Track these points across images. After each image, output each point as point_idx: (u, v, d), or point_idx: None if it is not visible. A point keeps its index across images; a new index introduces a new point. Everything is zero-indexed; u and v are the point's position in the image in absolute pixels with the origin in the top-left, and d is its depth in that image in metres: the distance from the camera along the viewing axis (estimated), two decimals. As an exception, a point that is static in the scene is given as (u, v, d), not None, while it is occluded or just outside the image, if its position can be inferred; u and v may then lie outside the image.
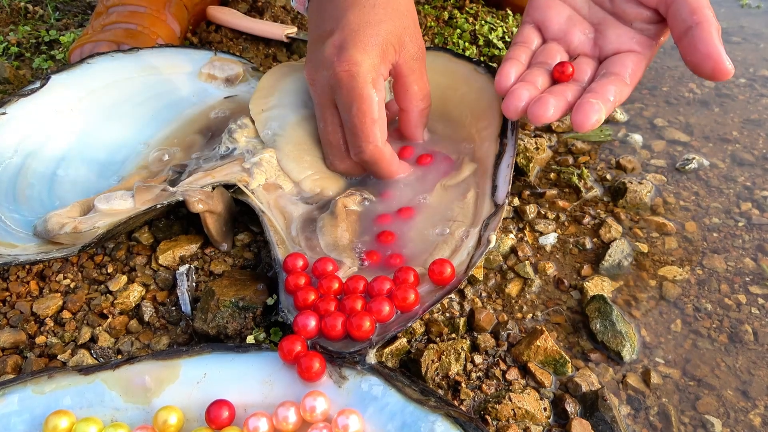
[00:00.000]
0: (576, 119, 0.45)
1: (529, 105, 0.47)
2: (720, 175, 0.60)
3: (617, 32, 0.51)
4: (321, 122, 0.52)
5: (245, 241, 0.52)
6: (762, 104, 0.71)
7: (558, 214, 0.55)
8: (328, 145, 0.53)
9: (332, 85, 0.49)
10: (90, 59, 0.60)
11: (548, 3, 0.54)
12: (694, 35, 0.45)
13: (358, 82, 0.47)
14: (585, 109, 0.45)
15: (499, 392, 0.40)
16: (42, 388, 0.37)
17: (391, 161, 0.51)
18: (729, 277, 0.49)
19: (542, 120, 0.46)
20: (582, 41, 0.52)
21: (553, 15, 0.53)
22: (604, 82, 0.48)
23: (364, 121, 0.48)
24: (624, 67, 0.49)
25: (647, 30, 0.50)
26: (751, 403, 0.40)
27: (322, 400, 0.36)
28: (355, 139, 0.49)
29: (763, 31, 0.87)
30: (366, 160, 0.50)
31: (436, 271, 0.42)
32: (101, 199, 0.49)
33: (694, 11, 0.46)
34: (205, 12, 0.82)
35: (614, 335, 0.44)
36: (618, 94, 0.47)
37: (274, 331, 0.44)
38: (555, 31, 0.53)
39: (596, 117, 0.45)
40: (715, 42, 0.45)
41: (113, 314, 0.47)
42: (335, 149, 0.52)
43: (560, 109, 0.47)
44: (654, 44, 0.50)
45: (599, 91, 0.47)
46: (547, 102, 0.46)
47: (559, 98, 0.47)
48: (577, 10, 0.53)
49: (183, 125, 0.59)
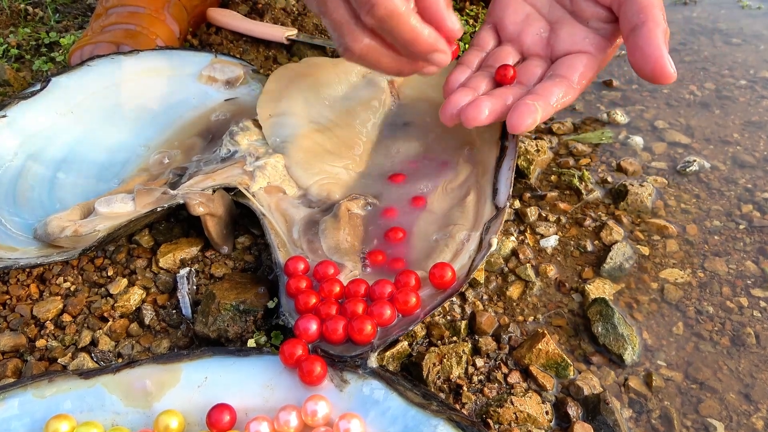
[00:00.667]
0: (510, 120, 0.44)
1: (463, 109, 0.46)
2: (721, 178, 0.60)
3: (571, 31, 0.50)
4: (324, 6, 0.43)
5: (246, 243, 0.52)
6: (763, 106, 0.70)
7: (559, 217, 0.55)
8: (334, 25, 0.44)
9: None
10: (90, 61, 0.60)
11: (508, 2, 0.53)
12: (638, 34, 0.44)
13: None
14: (520, 111, 0.44)
15: (501, 396, 0.40)
16: (42, 392, 0.37)
17: (411, 15, 0.42)
18: (731, 280, 0.49)
19: (474, 122, 0.45)
20: (535, 41, 0.52)
21: (511, 13, 0.53)
22: (548, 85, 0.47)
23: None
24: (572, 69, 0.48)
25: (602, 29, 0.49)
26: (754, 406, 0.40)
27: (324, 404, 0.35)
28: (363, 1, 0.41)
29: (763, 32, 0.87)
30: (382, 19, 0.41)
31: (436, 275, 0.42)
32: (102, 202, 0.49)
33: (642, 9, 0.45)
34: (205, 14, 0.82)
35: (616, 338, 0.44)
36: (561, 97, 0.46)
37: (275, 334, 0.44)
38: (510, 32, 0.53)
39: (531, 119, 0.44)
40: (658, 42, 0.43)
41: (114, 317, 0.47)
42: (344, 26, 0.43)
43: (496, 112, 0.46)
44: (608, 45, 0.49)
45: (541, 93, 0.46)
46: (480, 104, 0.46)
47: (496, 100, 0.46)
48: (537, 8, 0.53)
49: (183, 128, 0.59)
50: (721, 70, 0.78)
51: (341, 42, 0.44)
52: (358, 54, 0.44)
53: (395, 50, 0.45)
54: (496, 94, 0.47)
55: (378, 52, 0.44)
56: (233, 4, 0.87)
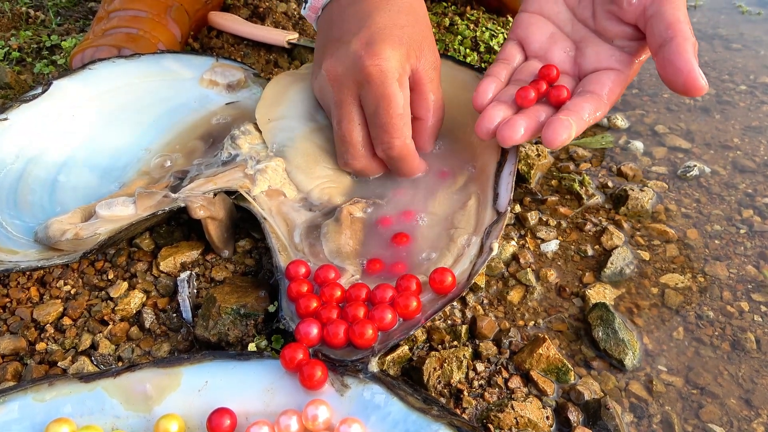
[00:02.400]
0: (545, 135, 0.45)
1: (499, 126, 0.47)
2: (721, 182, 0.60)
3: (597, 50, 0.51)
4: (341, 119, 0.51)
5: (246, 247, 0.52)
6: (763, 111, 0.71)
7: (559, 221, 0.55)
8: (345, 143, 0.51)
9: (359, 81, 0.48)
10: (92, 65, 0.60)
11: (531, 20, 0.54)
12: (668, 49, 0.45)
13: (388, 77, 0.47)
14: (554, 126, 0.45)
15: (502, 401, 0.40)
16: (42, 396, 0.37)
17: (415, 157, 0.51)
18: (731, 285, 0.49)
19: (511, 142, 0.46)
20: (562, 59, 0.52)
21: (535, 32, 0.54)
22: (579, 101, 0.47)
23: (393, 117, 0.48)
24: (601, 85, 0.48)
25: (628, 47, 0.50)
26: (755, 411, 0.40)
27: (324, 408, 0.35)
28: (384, 136, 0.49)
29: (763, 38, 0.87)
30: (394, 156, 0.50)
31: (436, 280, 0.42)
32: (102, 206, 0.49)
33: (670, 26, 0.45)
34: (207, 18, 0.82)
35: (616, 343, 0.44)
36: (593, 112, 0.47)
37: (275, 338, 0.44)
38: (536, 49, 0.54)
39: (566, 134, 0.45)
40: (689, 57, 0.44)
41: (114, 321, 0.47)
42: (354, 147, 0.51)
43: (530, 130, 0.47)
44: (634, 61, 0.50)
45: (573, 109, 0.47)
46: (516, 123, 0.46)
47: (530, 119, 0.47)
48: (560, 27, 0.53)
49: (184, 131, 0.59)
50: (721, 75, 0.78)
51: (344, 157, 0.52)
52: (355, 169, 0.53)
53: (386, 167, 0.53)
54: (528, 112, 0.48)
55: (370, 169, 0.53)
56: (235, 8, 0.87)
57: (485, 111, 0.49)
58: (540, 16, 0.54)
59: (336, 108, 0.51)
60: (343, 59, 0.49)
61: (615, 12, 0.49)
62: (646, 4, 0.47)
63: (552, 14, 0.54)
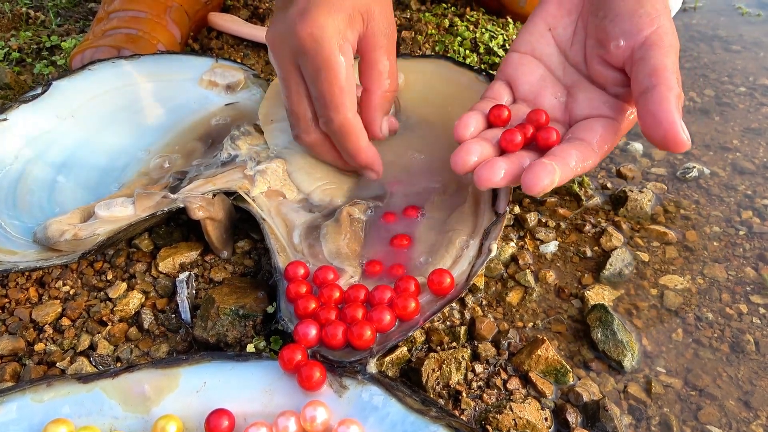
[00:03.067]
0: (525, 180, 0.41)
1: (477, 164, 0.44)
2: (720, 184, 0.60)
3: (589, 96, 0.48)
4: (285, 90, 0.49)
5: (245, 248, 0.52)
6: (762, 113, 0.71)
7: (558, 223, 0.55)
8: (292, 115, 0.50)
9: (295, 50, 0.46)
10: (91, 66, 0.60)
11: (521, 60, 0.51)
12: (649, 98, 0.42)
13: (323, 46, 0.44)
14: (536, 170, 0.41)
15: (500, 402, 0.40)
16: (41, 397, 0.37)
17: (360, 136, 0.48)
18: (730, 287, 0.49)
19: (488, 184, 0.43)
20: (553, 105, 0.49)
21: (525, 73, 0.51)
22: (566, 147, 0.44)
23: (332, 90, 0.45)
24: (592, 132, 0.45)
25: (621, 94, 0.47)
26: (753, 413, 0.40)
27: (323, 410, 0.35)
28: (324, 109, 0.47)
29: (763, 39, 0.87)
30: (334, 131, 0.48)
31: (435, 281, 0.42)
32: (101, 206, 0.49)
33: (654, 72, 0.42)
34: (207, 18, 0.82)
35: (615, 344, 0.44)
36: (581, 160, 0.43)
37: (274, 339, 0.44)
38: (525, 92, 0.51)
39: (548, 179, 0.41)
40: (671, 108, 0.41)
41: (113, 321, 0.47)
42: (301, 120, 0.49)
43: (511, 175, 0.43)
44: (627, 110, 0.47)
45: (559, 154, 0.43)
46: (496, 165, 0.43)
47: (512, 163, 0.44)
48: (551, 70, 0.50)
49: (184, 132, 0.59)
50: (720, 77, 0.78)
51: (295, 130, 0.51)
52: (306, 144, 0.51)
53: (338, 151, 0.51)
54: (512, 156, 0.45)
55: (324, 147, 0.51)
56: (234, 8, 0.87)
57: (464, 143, 0.45)
58: (531, 57, 0.51)
59: (281, 80, 0.49)
60: (280, 29, 0.46)
61: (603, 56, 0.47)
62: (635, 47, 0.44)
63: (543, 56, 0.51)
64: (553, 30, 0.51)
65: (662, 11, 0.45)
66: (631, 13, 0.45)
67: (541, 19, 0.51)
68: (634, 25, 0.45)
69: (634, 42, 0.45)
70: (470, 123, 0.47)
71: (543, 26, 0.51)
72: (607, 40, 0.46)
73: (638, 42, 0.44)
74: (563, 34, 0.51)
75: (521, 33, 0.52)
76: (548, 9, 0.51)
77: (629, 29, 0.45)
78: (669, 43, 0.44)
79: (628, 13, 0.45)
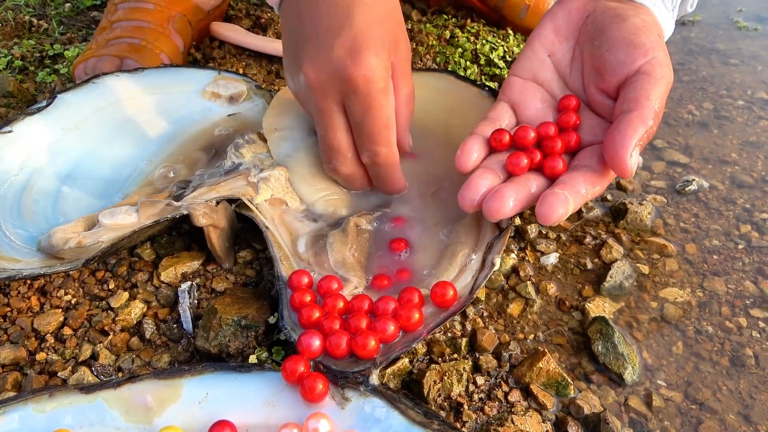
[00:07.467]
0: (540, 211, 0.41)
1: (484, 196, 0.44)
2: (719, 197, 0.60)
3: (591, 123, 0.48)
4: (327, 127, 0.49)
5: (247, 258, 0.52)
6: (760, 126, 0.71)
7: (559, 234, 0.55)
8: (333, 149, 0.50)
9: (345, 91, 0.47)
10: (96, 79, 0.60)
11: (524, 86, 0.51)
12: (621, 119, 0.42)
13: (375, 87, 0.46)
14: (550, 201, 0.41)
15: (502, 414, 0.40)
16: (43, 407, 0.37)
17: (399, 166, 0.51)
18: (730, 300, 0.50)
19: (498, 215, 0.43)
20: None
21: (528, 98, 0.51)
22: (575, 174, 0.44)
23: (380, 126, 0.48)
24: (599, 159, 0.45)
25: None
26: (753, 427, 0.40)
27: (325, 422, 0.35)
28: (371, 144, 0.48)
29: (760, 53, 0.88)
30: (380, 163, 0.50)
31: (438, 294, 0.42)
32: (105, 214, 0.49)
33: (635, 99, 0.43)
34: (209, 28, 0.83)
35: (616, 357, 0.44)
36: (591, 187, 0.44)
37: (276, 350, 0.44)
38: (529, 116, 0.51)
39: (563, 209, 0.41)
40: (632, 133, 0.41)
41: (114, 331, 0.47)
42: (340, 154, 0.50)
43: (521, 203, 0.44)
44: None
45: (569, 182, 0.43)
46: (505, 195, 0.43)
47: (520, 189, 0.44)
48: (554, 95, 0.51)
49: (187, 143, 0.59)
50: (719, 90, 0.79)
51: (331, 163, 0.51)
52: (343, 175, 0.52)
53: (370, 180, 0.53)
54: (518, 182, 0.45)
55: (359, 177, 0.52)
56: (237, 18, 0.87)
57: (470, 180, 0.45)
58: (533, 82, 0.51)
59: (319, 115, 0.49)
60: (325, 66, 0.46)
61: (600, 85, 0.47)
62: (628, 76, 0.45)
63: (545, 82, 0.51)
64: (553, 56, 0.51)
65: (657, 42, 0.46)
66: (627, 43, 0.46)
67: (540, 44, 0.52)
68: (629, 55, 0.45)
69: (628, 71, 0.45)
70: (472, 151, 0.47)
71: (543, 52, 0.52)
72: (603, 69, 0.47)
73: (632, 71, 0.45)
74: (562, 60, 0.51)
75: (521, 58, 0.52)
76: (545, 35, 0.52)
77: (624, 59, 0.45)
78: (661, 75, 0.44)
79: (624, 42, 0.46)
